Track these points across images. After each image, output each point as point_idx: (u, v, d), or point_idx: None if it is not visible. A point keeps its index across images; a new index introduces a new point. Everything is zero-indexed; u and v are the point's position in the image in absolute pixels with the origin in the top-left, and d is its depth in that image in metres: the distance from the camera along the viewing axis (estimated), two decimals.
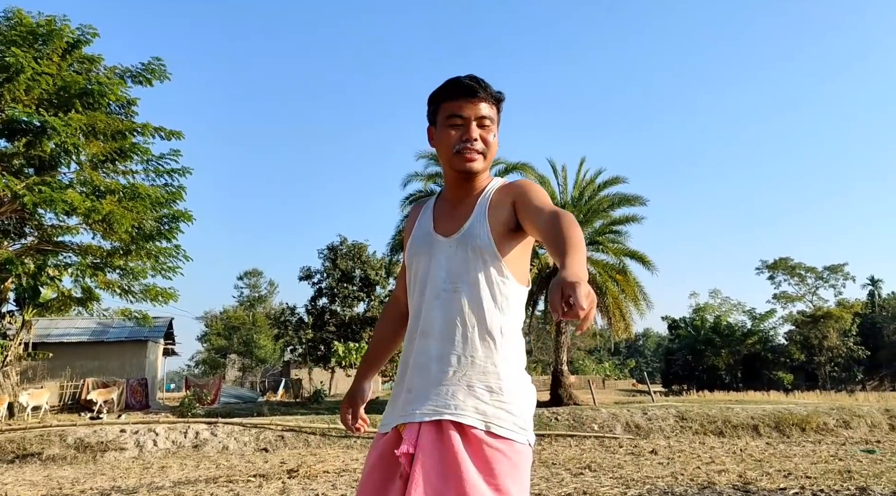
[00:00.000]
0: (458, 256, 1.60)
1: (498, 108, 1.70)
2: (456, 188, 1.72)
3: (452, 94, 1.65)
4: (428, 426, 1.49)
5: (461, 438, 1.46)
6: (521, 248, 1.64)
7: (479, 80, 1.66)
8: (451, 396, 1.50)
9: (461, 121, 1.64)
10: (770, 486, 6.33)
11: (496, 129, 1.69)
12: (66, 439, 10.16)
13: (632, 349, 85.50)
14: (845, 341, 43.80)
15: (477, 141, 1.63)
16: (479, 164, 1.65)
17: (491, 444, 1.46)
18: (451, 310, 1.57)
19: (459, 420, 1.47)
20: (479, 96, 1.64)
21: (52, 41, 14.26)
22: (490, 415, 1.48)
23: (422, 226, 1.74)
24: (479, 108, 1.64)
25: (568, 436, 11.37)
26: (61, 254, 16.38)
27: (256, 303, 60.94)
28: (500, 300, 1.57)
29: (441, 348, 1.55)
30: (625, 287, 21.57)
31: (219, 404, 22.05)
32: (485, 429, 1.47)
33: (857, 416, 13.21)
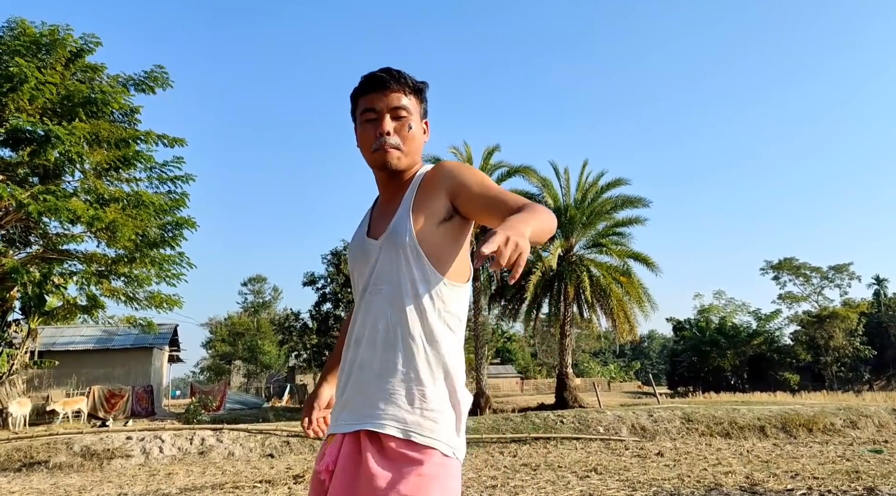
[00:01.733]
0: (385, 257, 1.50)
1: (418, 98, 1.60)
2: (384, 186, 1.63)
3: (365, 88, 1.57)
4: (349, 438, 1.44)
5: (378, 451, 1.38)
6: (455, 241, 1.50)
7: (391, 71, 1.56)
8: (371, 406, 1.42)
9: (374, 115, 1.55)
10: (777, 488, 6.31)
11: (416, 119, 1.58)
12: (73, 447, 10.18)
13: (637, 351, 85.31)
14: (851, 341, 43.63)
15: (391, 134, 1.53)
16: (398, 160, 1.55)
17: (409, 456, 1.36)
18: (374, 315, 1.48)
19: (376, 429, 1.39)
20: (391, 87, 1.54)
21: (55, 51, 14.35)
22: (410, 423, 1.38)
23: (358, 232, 1.66)
24: (390, 99, 1.54)
25: (573, 438, 11.34)
26: (66, 263, 16.44)
27: (261, 309, 61.03)
28: (425, 301, 1.45)
29: (364, 355, 1.47)
30: (629, 289, 21.57)
31: (224, 410, 22.08)
32: (404, 438, 1.37)
33: (864, 416, 13.14)
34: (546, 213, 1.34)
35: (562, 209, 22.41)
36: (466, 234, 1.54)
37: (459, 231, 1.51)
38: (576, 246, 22.52)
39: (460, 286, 1.51)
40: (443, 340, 1.46)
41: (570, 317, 21.96)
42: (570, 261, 21.85)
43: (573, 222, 22.07)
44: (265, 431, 11.24)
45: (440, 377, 1.44)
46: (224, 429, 11.26)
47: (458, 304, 1.51)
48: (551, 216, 1.36)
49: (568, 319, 21.88)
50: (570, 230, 22.16)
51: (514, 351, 58.76)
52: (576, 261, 21.91)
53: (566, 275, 21.32)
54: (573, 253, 22.28)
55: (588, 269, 21.60)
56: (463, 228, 1.52)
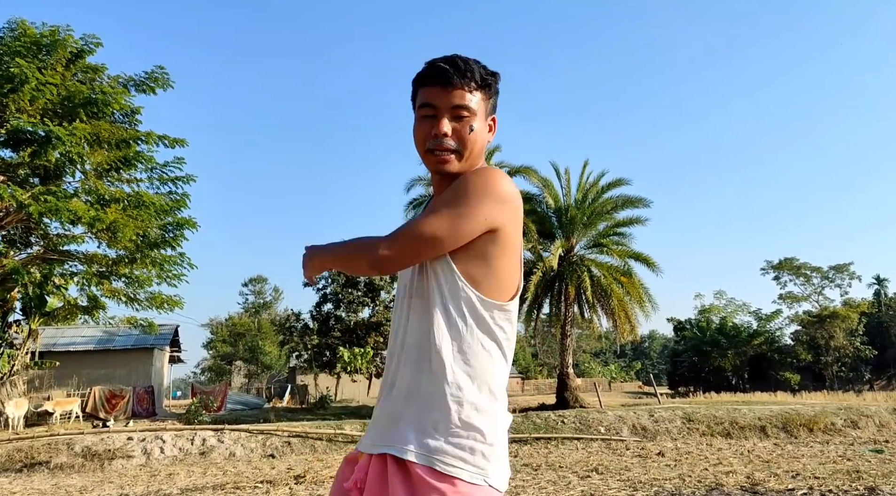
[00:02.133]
0: (419, 266, 1.40)
1: (486, 94, 1.44)
2: (436, 185, 1.51)
3: (426, 80, 1.43)
4: (376, 459, 1.36)
5: (403, 478, 1.30)
6: (485, 253, 1.36)
7: (456, 62, 1.40)
8: (396, 428, 1.34)
9: (432, 111, 1.41)
10: (778, 487, 6.31)
11: (480, 118, 1.43)
12: (74, 447, 10.19)
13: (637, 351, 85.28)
14: (852, 341, 43.62)
15: (447, 137, 1.39)
16: (453, 165, 1.41)
17: (432, 485, 1.26)
18: (404, 329, 1.40)
19: (399, 455, 1.31)
20: (454, 82, 1.39)
21: (55, 51, 14.36)
22: (434, 449, 1.29)
23: None
24: (452, 97, 1.39)
25: (574, 438, 11.35)
26: (67, 263, 16.45)
27: (261, 309, 61.07)
28: (455, 316, 1.35)
29: (395, 372, 1.39)
30: (630, 289, 21.57)
31: (225, 411, 22.08)
32: (427, 465, 1.28)
33: (865, 416, 13.14)
34: (357, 243, 1.43)
35: (562, 209, 22.42)
36: (502, 247, 1.38)
37: (492, 244, 1.36)
38: (576, 246, 22.52)
39: (498, 303, 1.38)
40: (475, 360, 1.35)
41: (570, 317, 21.96)
42: (571, 261, 21.85)
43: (574, 222, 22.07)
44: (266, 432, 11.24)
45: (469, 400, 1.33)
46: (225, 429, 11.27)
47: (495, 323, 1.38)
48: (359, 244, 1.42)
49: (569, 319, 21.88)
50: (571, 230, 22.17)
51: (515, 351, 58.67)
52: (576, 262, 21.92)
53: (567, 276, 21.33)
54: (574, 253, 22.28)
55: (589, 270, 21.60)
56: (494, 242, 1.37)
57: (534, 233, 21.21)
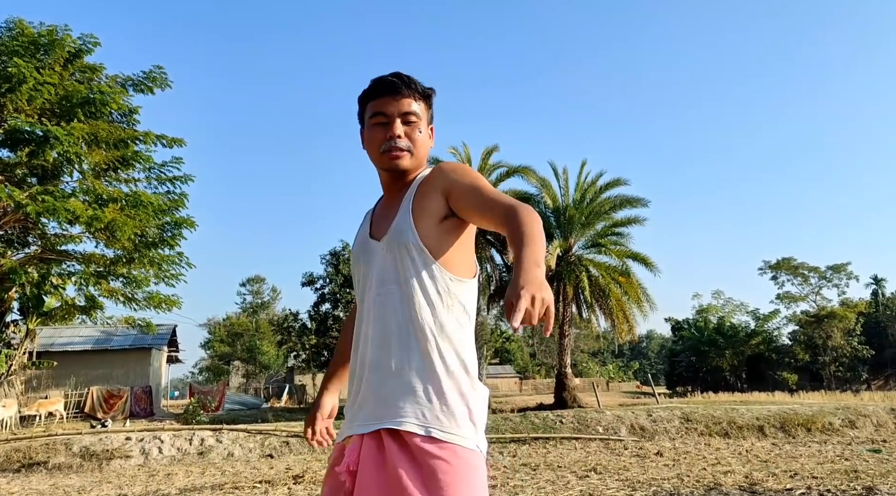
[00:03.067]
0: (389, 257, 1.52)
1: (427, 104, 1.64)
2: (388, 187, 1.67)
3: (375, 92, 1.61)
4: (369, 439, 1.44)
5: (401, 448, 1.39)
6: (457, 237, 1.54)
7: (402, 76, 1.60)
8: (389, 404, 1.43)
9: (385, 119, 1.58)
10: (776, 487, 6.32)
11: (424, 124, 1.62)
12: (72, 448, 10.17)
13: (635, 351, 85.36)
14: (849, 341, 43.68)
15: (401, 138, 1.57)
16: (406, 162, 1.59)
17: (432, 452, 1.37)
18: (384, 315, 1.49)
19: (397, 427, 1.40)
20: (402, 92, 1.58)
21: (53, 51, 14.33)
22: (430, 419, 1.40)
23: (360, 233, 1.69)
24: (402, 104, 1.58)
25: (573, 438, 11.35)
26: (65, 263, 16.42)
27: (259, 309, 60.96)
28: (434, 297, 1.47)
29: (377, 355, 1.48)
30: (628, 289, 21.60)
31: (223, 411, 22.08)
32: (425, 434, 1.38)
33: (862, 416, 13.16)
34: (538, 224, 1.35)
35: (560, 209, 22.43)
36: (468, 229, 1.56)
37: (461, 227, 1.54)
38: (575, 246, 22.53)
39: (467, 281, 1.54)
40: (454, 335, 1.48)
41: (569, 317, 21.98)
42: (569, 261, 21.86)
43: (572, 222, 22.09)
44: (264, 432, 11.23)
45: (455, 372, 1.46)
46: (223, 429, 11.25)
47: (467, 299, 1.53)
48: (540, 224, 1.37)
49: (567, 319, 21.90)
50: (569, 230, 22.18)
51: (512, 351, 58.78)
52: (575, 262, 21.93)
53: (565, 276, 21.34)
54: (572, 253, 22.29)
55: (587, 269, 21.62)
56: (464, 224, 1.55)
57: None
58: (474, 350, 1.54)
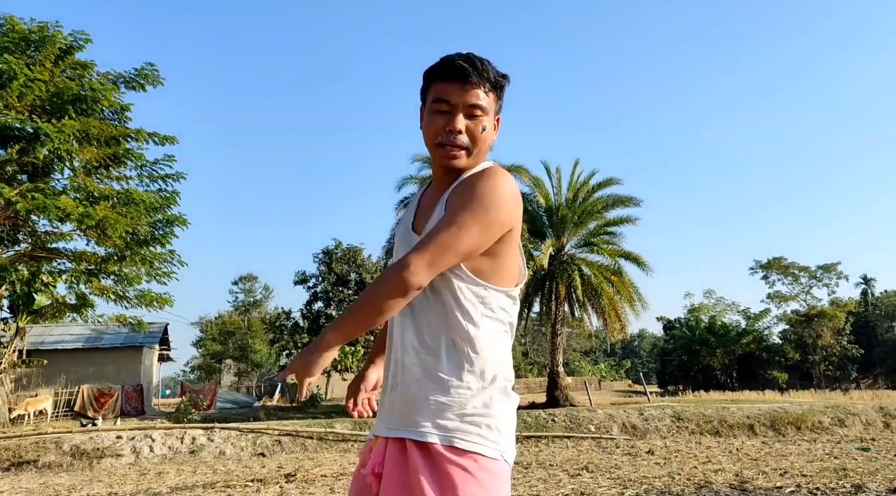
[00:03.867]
0: None
1: (497, 95, 1.50)
2: (438, 178, 1.57)
3: (443, 75, 1.47)
4: (393, 443, 1.43)
5: (423, 455, 1.37)
6: (499, 250, 1.45)
7: (474, 61, 1.46)
8: (413, 412, 1.41)
9: (448, 107, 1.45)
10: (766, 485, 6.36)
11: (490, 118, 1.49)
12: (62, 446, 10.12)
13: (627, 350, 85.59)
14: (839, 340, 43.98)
15: (461, 134, 1.45)
16: (462, 161, 1.48)
17: (454, 461, 1.35)
18: (415, 319, 1.45)
19: (419, 438, 1.38)
20: (472, 81, 1.44)
21: (44, 47, 14.23)
22: (452, 429, 1.37)
23: (404, 221, 1.62)
24: (469, 96, 1.44)
25: (565, 437, 11.39)
26: (55, 261, 16.32)
27: (251, 307, 60.78)
28: (465, 305, 1.42)
29: (408, 358, 1.45)
30: (620, 288, 21.65)
31: (215, 409, 22.00)
32: (448, 444, 1.36)
33: (851, 414, 13.26)
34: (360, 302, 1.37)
35: (553, 208, 22.47)
36: (510, 244, 1.47)
37: (499, 244, 1.45)
38: (567, 245, 22.58)
39: (504, 290, 1.47)
40: (486, 345, 1.43)
41: (561, 316, 22.02)
42: (562, 260, 21.91)
43: (564, 221, 22.13)
44: (256, 430, 11.21)
45: (483, 382, 1.42)
46: (215, 427, 11.22)
47: (503, 308, 1.47)
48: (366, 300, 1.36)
49: (559, 318, 21.94)
50: (562, 229, 22.23)
51: None
52: (567, 261, 21.97)
53: (557, 275, 21.38)
54: (564, 252, 22.34)
55: (579, 269, 21.66)
56: (503, 241, 1.45)
57: (525, 232, 21.24)
58: (509, 359, 1.49)
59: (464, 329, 1.42)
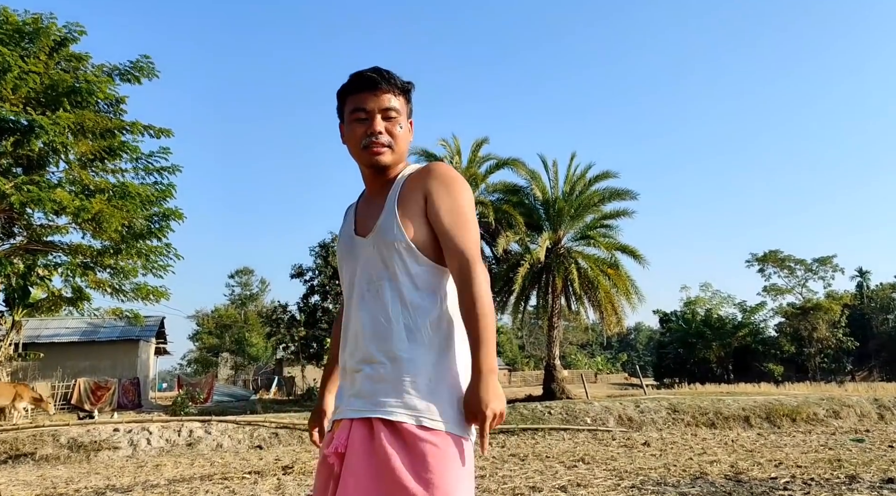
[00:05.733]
0: (376, 254, 1.55)
1: (406, 98, 1.65)
2: (370, 183, 1.68)
3: (355, 88, 1.61)
4: (358, 424, 1.47)
5: (392, 435, 1.42)
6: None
7: (381, 72, 1.60)
8: (381, 394, 1.46)
9: (365, 114, 1.59)
10: (761, 476, 6.40)
11: (404, 119, 1.63)
12: (60, 439, 10.12)
13: (624, 343, 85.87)
14: (834, 333, 44.18)
15: (382, 134, 1.58)
16: (387, 158, 1.60)
17: (424, 438, 1.41)
18: (374, 309, 1.53)
19: (389, 417, 1.43)
20: (381, 88, 1.58)
21: (38, 39, 14.13)
22: (421, 409, 1.43)
23: (345, 229, 1.70)
24: (382, 100, 1.59)
25: (561, 429, 11.43)
26: (51, 254, 16.28)
27: (248, 301, 60.73)
28: (424, 291, 1.52)
29: (369, 348, 1.51)
30: (616, 281, 21.68)
31: (212, 403, 22.03)
32: (416, 424, 1.42)
33: (846, 406, 13.33)
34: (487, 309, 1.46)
35: (550, 201, 22.46)
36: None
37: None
38: (564, 238, 22.59)
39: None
40: (448, 328, 1.53)
41: (557, 309, 22.05)
42: (559, 253, 21.92)
43: (561, 215, 22.13)
44: (254, 423, 11.23)
45: (448, 364, 1.50)
46: (212, 420, 11.24)
47: (454, 287, 1.55)
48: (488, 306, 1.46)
49: (556, 311, 21.98)
50: (559, 222, 22.23)
51: (501, 343, 58.97)
52: (564, 254, 21.99)
53: (554, 268, 21.40)
54: (561, 245, 22.35)
55: (576, 262, 21.68)
56: None
57: (521, 225, 21.23)
58: (465, 335, 1.54)
59: (426, 313, 1.50)
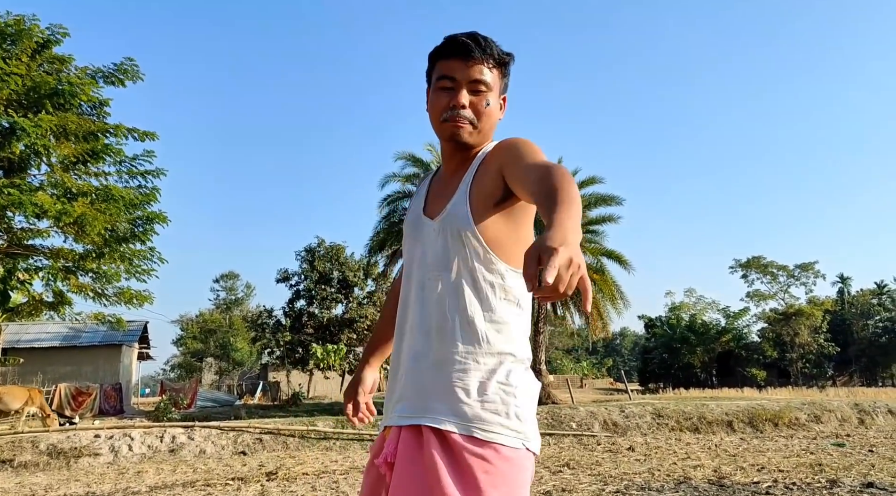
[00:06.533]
0: (441, 241, 1.42)
1: (502, 72, 1.50)
2: (448, 160, 1.54)
3: (446, 53, 1.47)
4: (407, 431, 1.37)
5: (440, 443, 1.31)
6: (515, 223, 1.43)
7: (477, 38, 1.45)
8: (430, 399, 1.35)
9: (451, 84, 1.45)
10: (744, 480, 6.45)
11: (495, 95, 1.49)
12: (39, 445, 9.97)
13: (609, 348, 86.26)
14: (816, 338, 44.69)
15: (465, 109, 1.44)
16: (468, 135, 1.46)
17: (473, 451, 1.28)
18: (430, 303, 1.41)
19: (436, 425, 1.32)
20: (474, 57, 1.44)
21: (21, 41, 13.98)
22: (471, 417, 1.31)
23: (413, 207, 1.58)
24: (472, 71, 1.44)
25: (547, 434, 11.44)
26: (32, 258, 16.06)
27: (233, 305, 60.39)
28: (484, 288, 1.38)
29: (421, 345, 1.40)
30: (602, 287, 21.79)
31: (195, 408, 21.80)
32: (466, 433, 1.30)
33: (827, 411, 13.47)
34: (573, 186, 1.20)
35: None
36: (527, 215, 1.45)
37: (520, 213, 1.43)
38: None
39: (517, 270, 1.42)
40: (504, 329, 1.39)
41: (543, 314, 22.11)
42: None
43: None
44: (237, 429, 11.13)
45: (502, 366, 1.37)
46: (195, 426, 11.12)
47: (521, 289, 1.43)
48: (576, 188, 1.21)
49: (542, 316, 22.03)
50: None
51: None
52: None
53: None
54: None
55: None
56: (524, 210, 1.43)
57: None
58: (525, 342, 1.45)
59: (482, 312, 1.38)
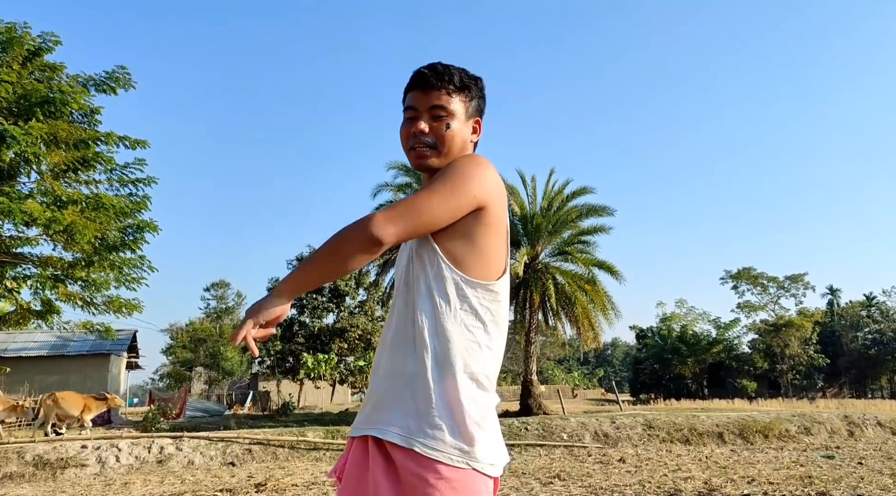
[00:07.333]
0: (405, 255, 1.50)
1: (466, 96, 1.53)
2: (426, 181, 1.58)
3: (409, 85, 1.54)
4: (358, 443, 1.39)
5: (384, 459, 1.32)
6: (471, 235, 1.42)
7: (435, 68, 1.51)
8: (379, 408, 1.37)
9: (413, 113, 1.52)
10: (734, 492, 6.45)
11: (459, 118, 1.52)
12: (25, 456, 9.85)
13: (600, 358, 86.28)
14: (806, 349, 44.89)
15: (426, 134, 1.49)
16: (432, 160, 1.50)
17: (413, 470, 1.27)
18: (392, 316, 1.45)
19: (380, 435, 1.33)
20: (431, 85, 1.50)
21: (11, 49, 13.95)
22: (413, 429, 1.30)
23: None
24: (430, 98, 1.50)
25: (537, 445, 11.41)
26: (20, 266, 15.94)
27: (223, 314, 60.01)
28: (436, 298, 1.38)
29: (379, 357, 1.45)
30: (594, 297, 21.81)
31: (184, 418, 21.62)
32: (407, 448, 1.30)
33: (817, 423, 13.51)
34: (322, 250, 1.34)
35: (528, 217, 22.60)
36: (485, 227, 1.43)
37: (476, 226, 1.42)
38: (542, 254, 22.71)
39: (484, 283, 1.42)
40: (456, 340, 1.37)
41: (535, 324, 22.10)
42: (536, 268, 22.02)
43: (539, 230, 22.26)
44: (227, 439, 11.04)
45: (451, 380, 1.35)
46: (184, 436, 11.02)
47: (480, 303, 1.41)
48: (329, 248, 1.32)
49: (533, 327, 22.02)
50: (537, 238, 22.36)
51: None
52: (541, 269, 22.10)
53: (532, 283, 21.48)
54: (539, 260, 22.46)
55: (553, 277, 21.79)
56: (479, 221, 1.42)
57: None
58: (485, 357, 1.42)
59: (434, 323, 1.37)
